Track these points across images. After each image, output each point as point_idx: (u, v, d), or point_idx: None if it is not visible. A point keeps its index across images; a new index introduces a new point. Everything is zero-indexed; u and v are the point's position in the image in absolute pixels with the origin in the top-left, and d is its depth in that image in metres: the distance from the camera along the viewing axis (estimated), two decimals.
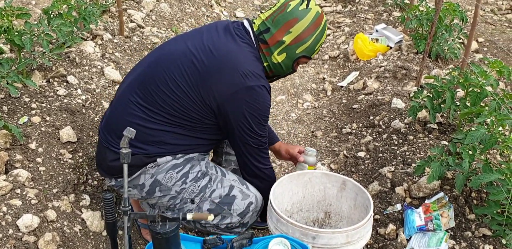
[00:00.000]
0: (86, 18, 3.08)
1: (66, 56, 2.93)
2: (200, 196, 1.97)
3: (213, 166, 2.07)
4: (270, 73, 1.99)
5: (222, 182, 2.01)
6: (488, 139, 2.10)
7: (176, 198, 1.96)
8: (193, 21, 4.75)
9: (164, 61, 1.90)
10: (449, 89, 2.59)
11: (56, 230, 2.03)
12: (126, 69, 3.30)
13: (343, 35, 4.83)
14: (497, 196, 1.95)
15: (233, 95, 1.82)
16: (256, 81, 1.83)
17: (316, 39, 1.92)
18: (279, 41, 1.89)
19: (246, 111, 1.84)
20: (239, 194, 2.00)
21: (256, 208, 2.03)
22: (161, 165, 1.92)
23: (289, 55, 1.92)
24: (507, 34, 5.46)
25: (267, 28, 1.89)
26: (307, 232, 1.70)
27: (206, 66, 1.82)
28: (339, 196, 2.08)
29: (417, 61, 3.93)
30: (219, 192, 1.98)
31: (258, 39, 1.92)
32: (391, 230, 2.24)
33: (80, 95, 2.67)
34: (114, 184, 2.01)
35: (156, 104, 1.86)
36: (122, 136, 1.89)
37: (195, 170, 1.97)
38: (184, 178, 1.94)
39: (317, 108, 3.81)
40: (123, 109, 1.92)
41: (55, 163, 2.27)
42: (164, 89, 1.85)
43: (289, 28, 1.87)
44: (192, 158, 1.99)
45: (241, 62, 1.83)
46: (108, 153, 1.94)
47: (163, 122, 1.88)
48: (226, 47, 1.86)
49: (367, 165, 2.86)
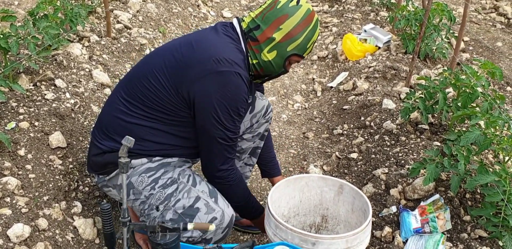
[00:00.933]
0: (73, 20, 3.01)
1: (53, 59, 2.86)
2: (164, 204, 1.88)
3: (187, 175, 1.95)
4: (261, 71, 1.94)
5: (189, 192, 1.89)
6: (482, 140, 2.11)
7: (145, 203, 1.91)
8: (180, 21, 4.70)
9: (151, 58, 1.95)
10: (441, 90, 2.59)
11: (48, 239, 1.98)
12: (114, 72, 3.25)
13: (331, 35, 4.82)
14: (493, 197, 1.95)
15: (201, 80, 1.76)
16: (229, 67, 1.77)
17: (307, 37, 1.88)
18: (269, 38, 1.86)
19: (215, 99, 1.76)
20: (203, 207, 1.86)
21: (221, 224, 1.87)
22: (136, 167, 1.90)
23: (280, 53, 1.88)
24: (492, 33, 5.52)
25: (257, 25, 1.87)
26: (307, 238, 1.68)
27: (183, 57, 1.82)
28: (336, 200, 2.06)
29: (406, 61, 3.93)
30: (183, 202, 1.87)
31: (248, 36, 1.90)
32: (387, 232, 2.23)
33: (68, 99, 2.61)
34: (97, 180, 2.02)
35: (136, 97, 1.88)
36: (106, 131, 1.93)
37: (166, 176, 1.91)
38: (154, 184, 1.89)
39: (307, 109, 3.79)
40: (109, 105, 1.98)
41: (45, 169, 2.21)
42: (144, 82, 1.86)
43: (279, 25, 1.84)
44: (168, 164, 1.94)
45: (218, 51, 1.80)
46: (93, 147, 1.98)
47: (141, 116, 1.87)
48: (206, 40, 1.86)
49: (360, 167, 2.86)
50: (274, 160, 2.47)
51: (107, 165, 1.92)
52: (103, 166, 1.93)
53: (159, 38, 4.07)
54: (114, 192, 2.00)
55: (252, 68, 1.93)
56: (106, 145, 1.91)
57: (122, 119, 1.89)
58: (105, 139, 1.93)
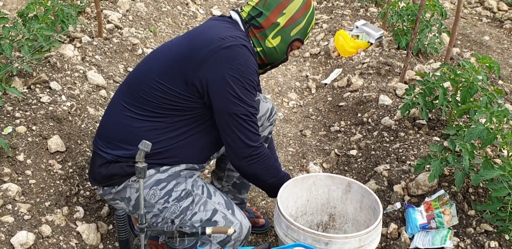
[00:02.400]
0: (64, 21, 2.95)
1: (46, 61, 2.80)
2: (180, 217, 1.84)
3: (200, 186, 1.91)
4: (265, 59, 1.94)
5: (206, 205, 1.85)
6: (486, 135, 2.12)
7: (159, 217, 1.85)
8: (170, 20, 4.65)
9: (150, 60, 1.91)
10: (441, 86, 2.60)
11: (52, 246, 1.94)
12: (108, 73, 3.19)
13: (322, 32, 4.81)
14: (499, 192, 1.96)
15: (210, 60, 1.71)
16: (234, 41, 1.75)
17: (308, 21, 1.93)
18: (274, 23, 1.87)
19: (227, 74, 1.71)
20: (221, 220, 1.84)
21: (239, 237, 1.87)
22: (144, 179, 1.82)
23: (284, 38, 1.90)
24: (478, 27, 5.57)
25: (260, 12, 1.88)
26: (320, 238, 1.66)
27: (185, 46, 1.80)
28: (344, 198, 2.05)
29: (399, 56, 3.95)
30: (200, 216, 1.83)
31: (250, 25, 1.90)
32: (393, 229, 2.23)
33: (64, 101, 2.56)
34: (102, 192, 1.92)
35: (138, 97, 1.81)
36: (112, 139, 1.86)
37: (179, 188, 1.84)
38: (167, 197, 1.82)
39: (303, 107, 3.78)
40: (111, 111, 1.91)
41: (45, 174, 2.17)
42: (146, 79, 1.81)
43: (282, 10, 1.86)
44: (179, 174, 1.87)
45: (219, 32, 1.79)
46: (97, 158, 1.88)
47: (146, 117, 1.80)
48: (207, 27, 1.86)
49: (360, 164, 2.85)
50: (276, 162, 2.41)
51: (113, 176, 1.82)
52: (109, 177, 1.84)
53: (150, 37, 4.02)
54: (121, 205, 1.90)
55: (256, 56, 1.90)
56: (110, 154, 1.83)
57: (128, 125, 1.81)
58: (110, 147, 1.84)
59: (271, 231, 2.44)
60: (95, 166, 1.88)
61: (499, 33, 5.32)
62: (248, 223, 1.91)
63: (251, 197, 2.73)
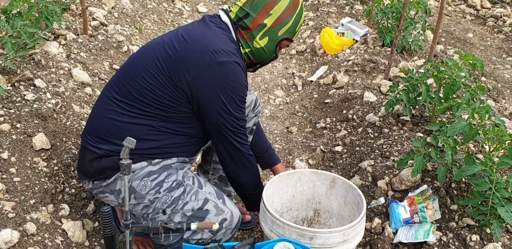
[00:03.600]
0: (49, 18, 2.93)
1: (30, 58, 2.78)
2: (172, 207, 1.87)
3: (191, 177, 1.96)
4: (254, 59, 1.95)
5: (197, 194, 1.90)
6: (468, 131, 2.15)
7: (149, 207, 1.88)
8: (155, 17, 4.63)
9: (140, 55, 1.90)
10: (424, 82, 2.63)
11: (37, 244, 1.93)
12: (93, 70, 3.18)
13: (308, 29, 4.84)
14: (481, 187, 1.99)
15: (203, 73, 1.75)
16: (227, 57, 1.77)
17: (296, 20, 1.91)
18: (260, 25, 1.87)
19: (218, 90, 1.77)
20: (213, 209, 1.88)
21: (231, 225, 1.91)
22: (136, 171, 1.85)
23: (272, 38, 1.90)
24: (462, 24, 5.63)
25: (247, 13, 1.87)
26: (304, 233, 1.68)
27: (177, 51, 1.80)
28: (329, 194, 2.08)
29: (383, 54, 3.98)
30: (191, 205, 1.87)
31: (238, 26, 1.89)
32: (377, 224, 2.26)
33: (49, 99, 2.54)
34: (91, 187, 1.94)
35: (130, 96, 1.83)
36: (99, 134, 1.87)
37: (170, 179, 1.88)
38: (158, 187, 1.86)
39: (289, 104, 3.80)
40: (100, 107, 1.91)
41: (29, 172, 2.15)
42: (137, 79, 1.82)
43: (269, 10, 1.86)
44: (170, 166, 1.91)
45: (213, 42, 1.79)
46: (87, 152, 1.89)
47: (138, 115, 1.83)
48: (198, 31, 1.85)
49: (345, 160, 2.88)
50: (270, 150, 2.41)
51: (105, 170, 1.85)
52: (100, 171, 1.86)
53: (136, 34, 4.01)
54: (111, 198, 1.92)
55: (245, 57, 1.93)
56: (102, 149, 1.85)
57: (117, 120, 1.83)
58: (101, 142, 1.86)
59: (257, 227, 2.46)
60: (85, 161, 1.89)
61: (482, 31, 5.39)
62: (238, 212, 1.95)
63: None
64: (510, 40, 5.13)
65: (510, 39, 5.14)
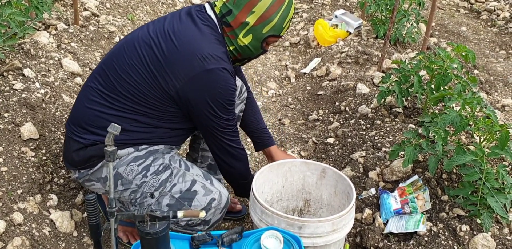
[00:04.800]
0: (39, 7, 2.89)
1: (19, 48, 2.74)
2: (160, 190, 1.87)
3: (177, 160, 1.96)
4: (239, 56, 1.90)
5: (184, 176, 1.91)
6: (459, 122, 2.15)
7: (137, 192, 1.88)
8: (148, 8, 4.59)
9: (125, 47, 1.85)
10: (416, 74, 2.62)
11: (24, 234, 1.91)
12: (84, 60, 3.14)
13: (302, 21, 4.81)
14: (471, 177, 1.99)
15: (192, 80, 1.73)
16: (216, 63, 1.73)
17: (283, 16, 1.81)
18: (242, 23, 1.80)
19: (207, 97, 1.75)
20: (201, 190, 1.89)
21: (219, 205, 1.92)
22: (122, 157, 1.85)
23: (256, 36, 1.83)
24: (456, 18, 5.62)
25: (229, 10, 1.80)
26: (293, 222, 1.67)
27: (164, 53, 1.75)
28: (319, 184, 2.07)
29: (377, 46, 3.97)
30: (179, 187, 1.88)
31: (222, 22, 1.83)
32: (368, 214, 2.26)
33: (38, 89, 2.51)
34: (78, 176, 1.93)
35: (115, 91, 1.80)
36: (84, 125, 1.85)
37: (157, 163, 1.88)
38: (145, 171, 1.86)
39: (282, 96, 3.79)
40: (85, 97, 1.88)
41: (17, 162, 2.13)
42: (123, 75, 1.79)
43: (251, 8, 1.77)
44: (156, 151, 1.91)
45: (200, 46, 1.74)
46: (72, 143, 1.88)
47: (123, 109, 1.81)
48: (186, 32, 1.78)
49: (337, 151, 2.87)
50: (265, 131, 2.38)
51: (91, 158, 1.84)
52: (86, 160, 1.85)
53: (128, 25, 3.97)
54: (97, 186, 1.92)
55: (230, 54, 1.88)
56: (87, 139, 1.83)
57: (102, 112, 1.81)
58: (86, 133, 1.84)
59: (248, 217, 2.45)
60: (70, 151, 1.88)
61: (476, 24, 5.38)
62: (227, 192, 1.97)
63: None
64: (504, 33, 5.12)
65: (503, 33, 5.13)
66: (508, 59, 4.64)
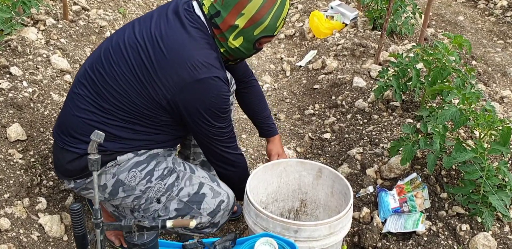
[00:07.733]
0: (26, 2, 2.80)
1: (6, 45, 2.66)
2: (166, 195, 1.82)
3: (181, 162, 1.92)
4: (231, 57, 1.81)
5: (191, 179, 1.87)
6: (459, 117, 2.09)
7: (141, 198, 1.82)
8: (140, 1, 4.50)
9: (111, 52, 1.73)
10: (414, 67, 2.56)
11: (11, 240, 1.86)
12: (73, 57, 3.07)
13: (297, 13, 4.72)
14: (472, 175, 1.94)
15: (183, 91, 1.64)
16: (207, 72, 1.64)
17: (275, 16, 1.68)
18: (231, 26, 1.67)
19: (200, 107, 1.68)
20: (209, 192, 1.86)
21: (228, 206, 1.90)
22: (122, 163, 1.78)
23: (247, 39, 1.72)
24: (453, 7, 5.54)
25: (217, 11, 1.67)
26: (289, 226, 1.62)
27: (153, 62, 1.65)
28: (315, 184, 2.01)
29: (373, 37, 3.89)
30: (187, 190, 1.84)
31: (211, 24, 1.71)
32: (366, 213, 2.21)
33: (26, 87, 2.44)
34: (74, 186, 1.85)
35: (106, 99, 1.71)
36: (77, 135, 1.77)
37: (161, 167, 1.83)
38: (149, 177, 1.80)
39: (277, 90, 3.72)
40: (72, 105, 1.78)
41: (4, 165, 2.07)
42: (113, 84, 1.69)
43: (240, 10, 1.63)
44: (157, 154, 1.84)
45: (190, 53, 1.64)
46: (65, 153, 1.78)
47: (116, 118, 1.73)
48: (174, 37, 1.67)
49: (333, 147, 2.82)
50: (268, 119, 2.29)
51: (86, 168, 1.74)
52: (82, 170, 1.77)
53: (119, 19, 3.88)
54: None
55: (222, 56, 1.78)
56: (82, 148, 1.75)
57: (94, 120, 1.73)
58: (79, 142, 1.76)
59: (243, 218, 2.39)
60: (64, 162, 1.79)
61: (473, 13, 5.30)
62: (233, 193, 1.95)
63: None
64: (501, 23, 5.05)
65: (501, 22, 5.06)
66: (506, 49, 4.57)
